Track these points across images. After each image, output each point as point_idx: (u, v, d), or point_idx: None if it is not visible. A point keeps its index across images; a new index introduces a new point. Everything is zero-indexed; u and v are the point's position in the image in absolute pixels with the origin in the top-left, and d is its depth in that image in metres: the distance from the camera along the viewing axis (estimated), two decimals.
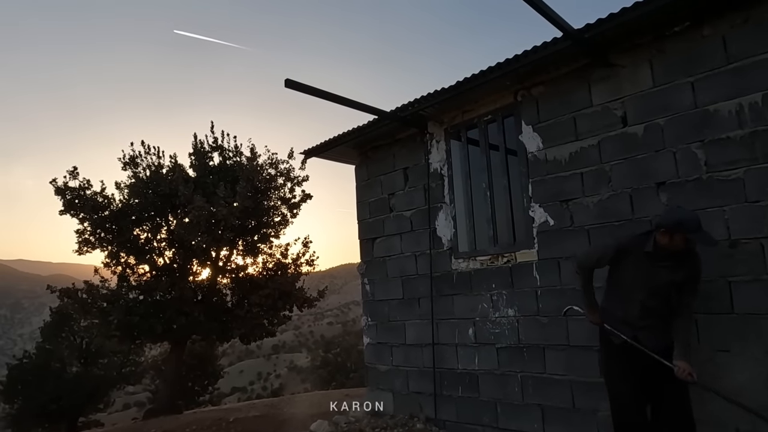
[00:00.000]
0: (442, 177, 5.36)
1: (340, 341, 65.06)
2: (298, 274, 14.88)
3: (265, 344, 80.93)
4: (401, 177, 5.79)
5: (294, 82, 4.23)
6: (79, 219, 12.73)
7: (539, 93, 4.54)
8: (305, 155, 6.42)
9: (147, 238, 13.55)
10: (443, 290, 5.23)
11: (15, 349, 34.71)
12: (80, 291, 12.86)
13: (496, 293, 4.75)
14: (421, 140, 5.58)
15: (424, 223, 5.47)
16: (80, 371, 21.45)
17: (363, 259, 6.23)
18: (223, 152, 14.33)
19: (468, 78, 4.58)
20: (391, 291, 5.81)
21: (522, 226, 4.69)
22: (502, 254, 4.76)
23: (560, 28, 3.61)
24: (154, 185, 13.14)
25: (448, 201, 5.29)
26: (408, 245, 5.65)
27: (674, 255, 2.97)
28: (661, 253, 2.98)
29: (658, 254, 3.00)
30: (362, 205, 6.27)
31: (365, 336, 6.12)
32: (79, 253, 12.93)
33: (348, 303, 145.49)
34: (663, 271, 3.01)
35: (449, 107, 5.15)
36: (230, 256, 14.34)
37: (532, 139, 4.54)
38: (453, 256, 5.19)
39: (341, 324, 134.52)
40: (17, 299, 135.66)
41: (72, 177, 12.64)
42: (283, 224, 14.54)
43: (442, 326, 5.21)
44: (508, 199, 4.85)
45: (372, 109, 5.05)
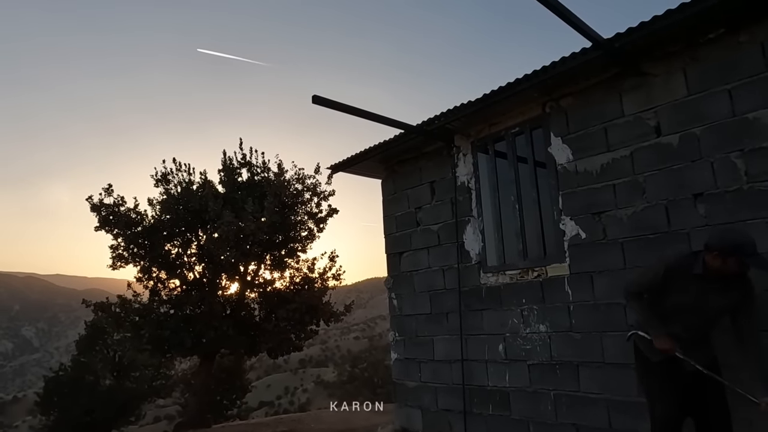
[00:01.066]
0: (469, 190, 5.31)
1: (366, 356, 64.72)
2: (325, 289, 14.93)
3: (292, 358, 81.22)
4: (428, 191, 5.76)
5: (321, 98, 4.27)
6: (113, 235, 13.10)
7: (568, 104, 4.48)
8: (332, 170, 6.47)
9: (178, 253, 13.84)
10: (472, 305, 5.14)
11: (52, 362, 35.82)
12: (114, 305, 13.19)
13: (527, 308, 4.65)
14: (448, 153, 5.56)
15: (451, 237, 5.42)
16: (113, 384, 21.90)
17: (390, 274, 6.20)
18: (252, 168, 14.58)
19: (495, 90, 4.55)
20: (418, 306, 5.76)
21: (552, 240, 4.59)
22: (533, 268, 4.66)
23: (589, 38, 3.56)
24: (185, 201, 13.44)
25: (475, 214, 5.24)
26: (435, 259, 5.60)
27: (725, 278, 2.84)
28: (712, 275, 2.86)
29: (709, 277, 2.87)
30: (389, 219, 6.26)
31: (393, 351, 6.06)
32: (113, 268, 13.28)
33: (374, 317, 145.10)
34: (713, 294, 2.88)
35: (476, 120, 5.12)
36: (258, 271, 14.50)
37: (562, 151, 4.47)
38: (481, 270, 5.11)
39: (368, 338, 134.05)
40: (54, 313, 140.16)
41: (107, 194, 13.04)
42: (309, 239, 14.65)
43: (471, 342, 5.12)
44: (537, 212, 4.77)
45: (398, 123, 5.06)
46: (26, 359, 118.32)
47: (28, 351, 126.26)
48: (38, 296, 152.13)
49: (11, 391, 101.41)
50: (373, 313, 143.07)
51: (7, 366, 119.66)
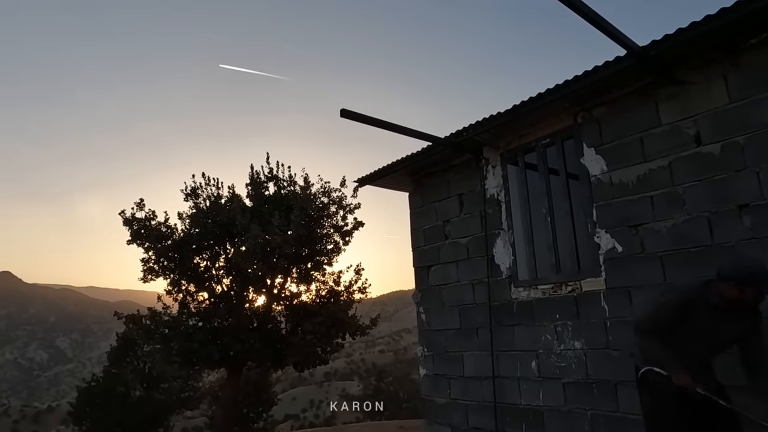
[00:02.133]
0: (498, 203, 5.22)
1: (392, 370, 64.24)
2: (351, 302, 14.89)
3: (317, 372, 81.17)
4: (456, 203, 5.69)
5: (349, 111, 4.28)
6: (144, 248, 13.37)
7: (601, 114, 4.37)
8: (359, 183, 6.46)
9: (206, 266, 14.03)
10: (503, 320, 5.02)
11: (84, 372, 36.70)
12: (144, 317, 13.42)
13: (561, 324, 4.51)
14: (477, 166, 5.48)
15: (481, 250, 5.32)
16: (143, 395, 22.23)
17: (418, 288, 6.12)
18: (278, 182, 14.74)
19: (525, 101, 4.47)
20: (447, 320, 5.65)
21: (587, 253, 4.45)
22: (566, 283, 4.52)
23: (624, 46, 3.47)
24: (214, 215, 13.66)
25: (505, 227, 5.14)
26: (464, 273, 5.50)
27: (739, 307, 2.72)
28: (727, 305, 2.74)
29: (723, 307, 2.75)
30: (416, 232, 6.20)
31: (421, 367, 5.96)
32: (144, 280, 13.53)
33: (399, 330, 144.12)
34: (726, 324, 2.79)
35: (505, 132, 5.04)
36: (284, 284, 14.56)
37: (595, 162, 4.35)
38: (512, 284, 4.99)
39: (393, 352, 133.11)
40: (87, 324, 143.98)
41: (139, 208, 13.35)
42: (335, 252, 14.68)
43: (503, 358, 4.98)
44: (570, 224, 4.64)
45: (426, 136, 5.03)
46: (60, 369, 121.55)
47: (62, 361, 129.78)
48: (73, 308, 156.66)
49: (46, 401, 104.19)
50: (398, 327, 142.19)
51: (42, 376, 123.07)
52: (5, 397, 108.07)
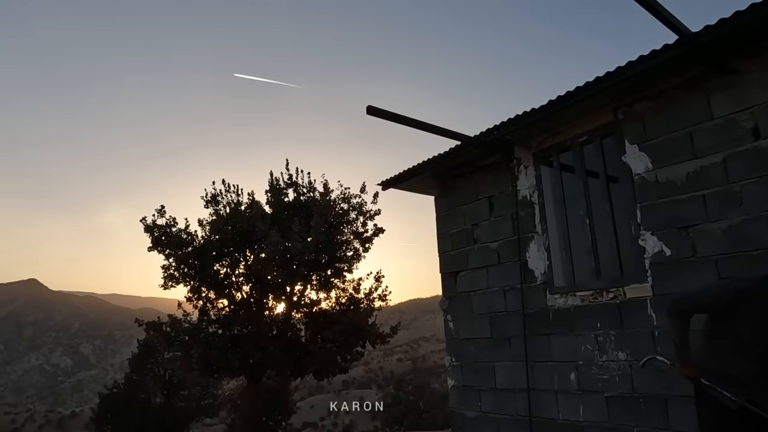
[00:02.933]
0: (532, 205, 4.95)
1: (411, 379, 63.63)
2: (371, 310, 14.67)
3: (335, 379, 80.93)
4: (486, 206, 5.44)
5: (375, 108, 4.08)
6: (165, 255, 13.37)
7: (645, 108, 4.09)
8: (383, 186, 6.25)
9: (226, 273, 13.97)
10: (538, 329, 4.73)
11: (107, 378, 37.12)
12: (164, 324, 13.39)
13: (602, 333, 4.21)
14: (507, 166, 5.23)
15: (513, 255, 5.05)
16: (163, 402, 22.27)
17: (445, 295, 5.86)
18: (298, 188, 14.65)
19: (561, 97, 4.22)
20: (477, 329, 5.38)
21: (630, 257, 4.15)
22: (608, 289, 4.23)
23: (677, 31, 3.20)
24: (233, 221, 13.61)
25: (539, 231, 4.86)
26: (495, 279, 5.23)
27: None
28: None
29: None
30: (443, 236, 5.96)
31: (449, 378, 5.68)
32: (165, 287, 13.52)
33: (417, 339, 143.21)
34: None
35: (538, 130, 4.79)
36: (304, 291, 14.42)
37: (639, 160, 4.06)
38: (548, 291, 4.71)
39: (411, 360, 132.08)
40: (110, 331, 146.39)
41: (159, 215, 13.37)
42: (355, 258, 14.50)
43: (538, 369, 4.69)
44: (611, 227, 4.35)
45: (454, 134, 4.80)
46: (84, 375, 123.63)
47: (85, 367, 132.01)
48: (96, 315, 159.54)
49: (69, 406, 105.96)
50: (416, 335, 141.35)
51: (66, 381, 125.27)
52: (31, 403, 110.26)
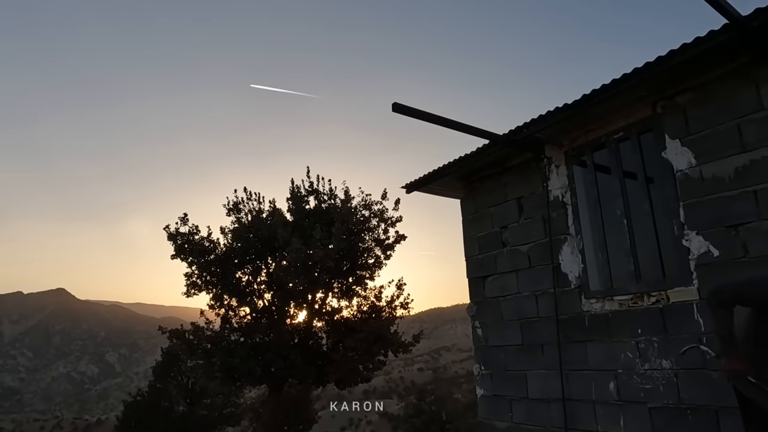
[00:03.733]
0: (564, 205, 4.74)
1: (432, 389, 62.82)
2: (393, 318, 14.47)
3: (356, 389, 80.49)
4: (515, 208, 5.24)
5: (401, 105, 3.95)
6: (188, 263, 13.42)
7: (686, 101, 3.86)
8: (407, 189, 6.10)
9: (248, 280, 13.95)
10: (573, 336, 4.50)
11: (131, 387, 37.52)
12: (187, 332, 13.40)
13: (644, 340, 3.96)
14: (537, 166, 5.03)
15: (544, 258, 4.84)
16: (186, 410, 22.34)
17: (473, 300, 5.66)
18: (319, 196, 14.60)
19: (596, 90, 4.02)
20: (507, 336, 5.16)
21: (673, 259, 3.91)
22: (649, 293, 3.99)
23: (725, 14, 2.99)
24: (255, 229, 13.60)
25: (573, 232, 4.64)
26: (526, 283, 5.02)
27: None
28: None
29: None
30: (470, 240, 5.77)
31: (478, 387, 5.46)
32: (187, 295, 13.55)
33: (438, 348, 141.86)
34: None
35: (570, 127, 4.58)
36: (326, 299, 14.31)
37: (681, 155, 3.83)
38: (583, 295, 4.48)
39: (432, 370, 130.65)
40: (135, 339, 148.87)
41: (182, 223, 13.45)
42: (377, 266, 14.34)
43: (574, 378, 4.45)
44: (651, 226, 4.11)
45: (482, 132, 4.63)
46: (109, 383, 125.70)
47: (111, 375, 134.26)
48: (121, 323, 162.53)
49: (95, 414, 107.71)
50: (437, 344, 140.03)
51: (92, 389, 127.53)
52: (59, 410, 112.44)
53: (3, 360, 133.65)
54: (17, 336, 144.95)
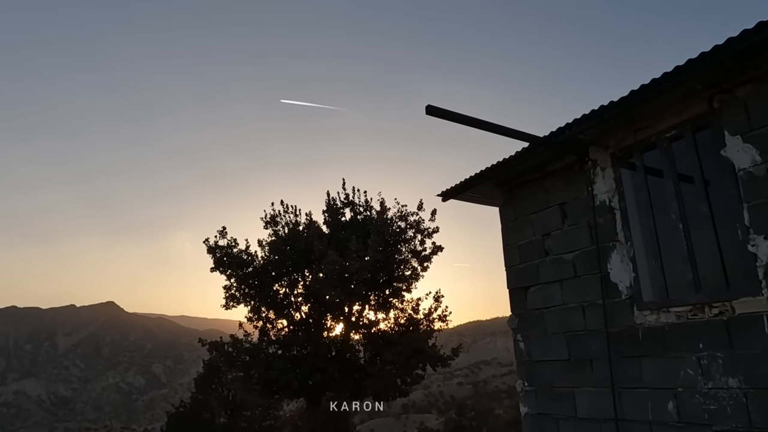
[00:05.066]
0: (611, 210, 4.44)
1: (473, 404, 61.47)
2: (431, 331, 14.20)
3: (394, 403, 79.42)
4: (557, 214, 4.97)
5: (435, 108, 3.80)
6: (227, 275, 13.60)
7: (747, 93, 3.54)
8: (443, 197, 5.92)
9: (285, 293, 14.01)
10: (625, 350, 4.18)
11: (176, 397, 38.33)
12: (227, 345, 13.53)
13: (707, 356, 3.61)
14: (581, 169, 4.76)
15: (591, 267, 4.54)
16: (227, 422, 22.55)
17: (514, 312, 5.39)
18: (354, 207, 14.58)
19: (645, 86, 3.75)
20: (552, 350, 4.87)
21: (737, 266, 3.57)
22: (710, 303, 3.64)
23: None
24: (292, 242, 13.67)
25: (622, 239, 4.34)
26: (571, 294, 4.72)
27: None
28: None
29: None
30: (510, 249, 5.51)
31: (522, 404, 5.17)
32: (226, 307, 13.71)
33: (478, 362, 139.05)
34: None
35: (617, 126, 4.31)
36: (362, 311, 14.19)
37: (744, 153, 3.51)
38: (635, 306, 4.16)
39: (472, 385, 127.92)
40: (179, 351, 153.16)
41: (221, 236, 13.67)
42: (414, 277, 14.14)
43: (627, 396, 4.12)
44: (711, 231, 3.77)
45: (521, 135, 4.42)
46: (155, 394, 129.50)
47: (157, 386, 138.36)
48: (167, 336, 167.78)
49: (143, 423, 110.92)
50: (476, 358, 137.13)
51: (139, 400, 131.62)
52: (108, 419, 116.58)
53: (57, 370, 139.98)
54: (70, 347, 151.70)
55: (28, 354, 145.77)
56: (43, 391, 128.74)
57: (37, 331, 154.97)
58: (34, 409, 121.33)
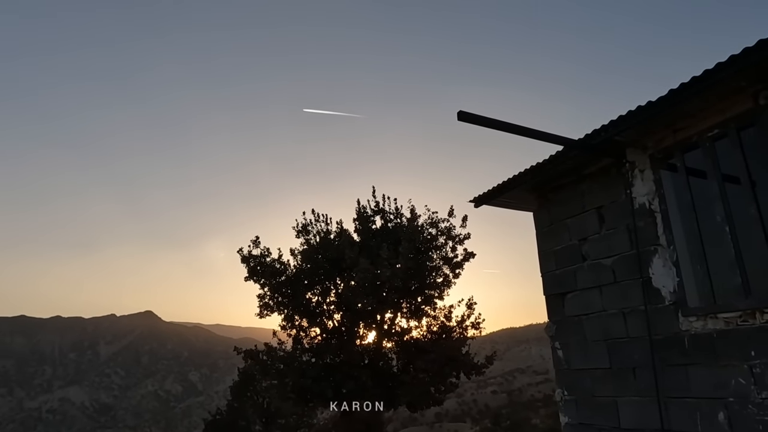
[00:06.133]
0: (652, 213, 4.31)
1: (508, 413, 60.24)
2: (464, 338, 14.04)
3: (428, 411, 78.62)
4: (594, 218, 4.85)
5: (467, 113, 3.78)
6: (260, 284, 13.80)
7: None
8: (475, 203, 5.86)
9: (318, 301, 14.11)
10: (670, 359, 4.02)
11: (212, 405, 39.08)
12: (261, 353, 13.70)
13: (759, 364, 3.44)
14: (618, 172, 4.64)
15: (631, 272, 4.41)
16: (262, 430, 22.79)
17: (551, 319, 5.28)
18: (385, 215, 14.60)
19: (685, 84, 3.63)
20: (592, 358, 4.73)
21: None
22: (762, 309, 3.48)
23: None
24: (323, 250, 13.78)
25: (664, 242, 4.20)
26: (611, 300, 4.59)
27: None
28: None
29: None
30: (545, 254, 5.41)
31: (562, 414, 5.04)
32: (261, 316, 13.90)
33: (512, 371, 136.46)
34: None
35: (655, 127, 4.19)
36: (394, 319, 14.15)
37: None
38: (680, 312, 4.00)
39: (506, 393, 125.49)
40: (215, 360, 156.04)
41: (254, 246, 13.89)
42: (445, 285, 14.04)
43: (674, 407, 3.96)
44: (761, 233, 3.61)
45: (555, 138, 4.34)
46: (192, 401, 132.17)
47: (193, 394, 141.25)
48: (203, 344, 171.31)
49: (180, 430, 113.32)
50: (510, 366, 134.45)
51: (177, 407, 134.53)
52: (147, 426, 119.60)
53: (99, 378, 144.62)
54: (111, 356, 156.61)
55: (72, 362, 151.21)
56: (86, 398, 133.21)
57: (81, 340, 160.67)
58: (79, 415, 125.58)
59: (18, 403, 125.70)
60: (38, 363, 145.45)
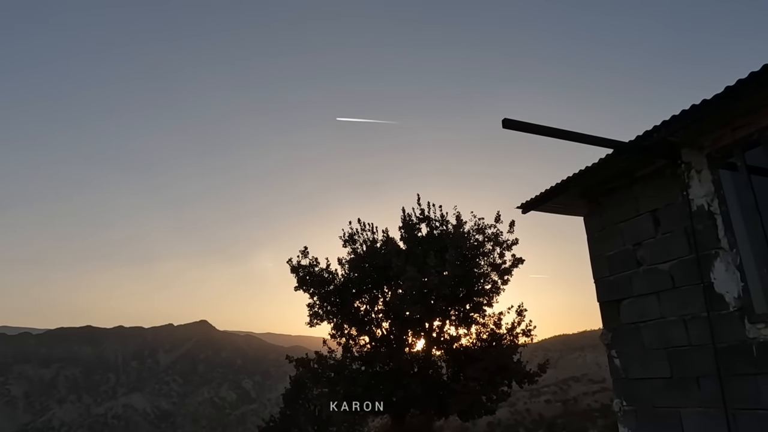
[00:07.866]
0: (711, 215, 4.13)
1: (563, 423, 58.19)
2: (515, 346, 13.77)
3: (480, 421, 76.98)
4: (649, 222, 4.69)
5: (512, 121, 3.77)
6: (309, 294, 14.07)
7: None
8: (522, 209, 5.79)
9: (366, 309, 14.23)
10: (737, 367, 3.83)
11: (265, 412, 39.88)
12: (312, 361, 13.94)
13: None
14: (673, 173, 4.48)
15: (691, 277, 4.23)
16: None
17: (606, 326, 5.13)
18: (430, 222, 14.58)
19: (743, 80, 3.48)
20: (651, 367, 4.56)
21: None
22: None
23: None
24: (370, 259, 13.91)
25: (726, 246, 4.01)
26: (670, 307, 4.42)
27: None
28: None
29: None
30: (598, 260, 5.27)
31: (621, 425, 4.87)
32: (310, 324, 14.15)
33: (566, 379, 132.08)
34: None
35: (712, 126, 4.03)
36: (443, 327, 14.07)
37: None
38: (746, 319, 3.81)
39: (561, 402, 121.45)
40: (267, 368, 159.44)
41: (303, 256, 14.20)
42: (494, 291, 13.84)
43: (743, 419, 3.76)
44: None
45: (604, 141, 4.24)
46: (246, 409, 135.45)
47: (247, 401, 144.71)
48: (255, 352, 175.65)
49: None
50: (565, 374, 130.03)
51: (232, 414, 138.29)
52: None
53: (159, 386, 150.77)
54: (170, 364, 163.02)
55: (134, 370, 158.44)
56: (147, 405, 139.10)
57: (141, 349, 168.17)
58: (141, 422, 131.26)
59: (86, 408, 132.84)
60: (103, 371, 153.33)
